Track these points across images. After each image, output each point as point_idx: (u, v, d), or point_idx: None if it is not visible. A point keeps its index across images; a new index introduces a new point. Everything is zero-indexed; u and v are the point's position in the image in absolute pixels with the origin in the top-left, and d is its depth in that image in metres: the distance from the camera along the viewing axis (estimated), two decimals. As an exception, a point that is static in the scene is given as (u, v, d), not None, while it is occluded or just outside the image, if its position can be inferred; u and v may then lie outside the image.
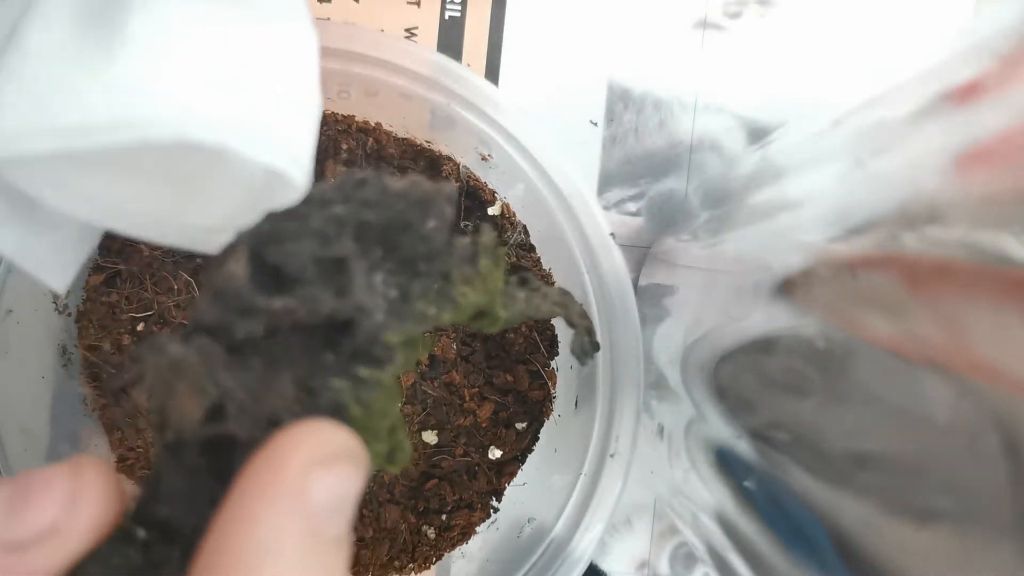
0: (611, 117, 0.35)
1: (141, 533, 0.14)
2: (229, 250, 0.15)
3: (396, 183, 0.15)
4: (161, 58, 0.15)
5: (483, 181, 0.31)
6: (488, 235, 0.16)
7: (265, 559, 0.12)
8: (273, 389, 0.14)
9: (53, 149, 0.14)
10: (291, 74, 0.17)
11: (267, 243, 0.14)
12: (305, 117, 0.17)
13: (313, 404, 0.15)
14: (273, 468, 0.13)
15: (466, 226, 0.32)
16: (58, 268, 0.18)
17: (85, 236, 0.19)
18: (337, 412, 0.15)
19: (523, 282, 0.17)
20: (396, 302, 0.15)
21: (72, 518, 0.14)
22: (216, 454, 0.14)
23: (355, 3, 0.34)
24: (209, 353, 0.14)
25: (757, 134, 0.36)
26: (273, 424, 0.14)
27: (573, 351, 0.19)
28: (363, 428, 0.15)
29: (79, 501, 0.14)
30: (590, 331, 0.19)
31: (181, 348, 0.14)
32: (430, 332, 0.16)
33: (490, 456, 0.33)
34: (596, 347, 0.19)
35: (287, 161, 0.17)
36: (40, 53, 0.15)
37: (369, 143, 0.31)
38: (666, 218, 0.36)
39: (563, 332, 0.33)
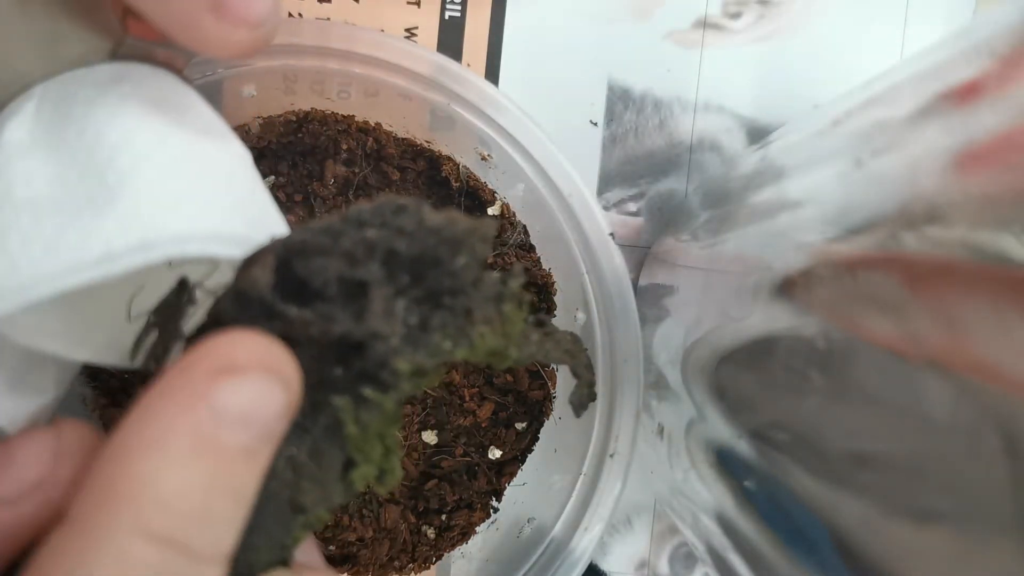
0: (611, 117, 0.35)
1: None
2: (258, 255, 0.15)
3: (434, 217, 0.15)
4: (156, 183, 0.16)
5: (483, 181, 0.32)
6: (517, 281, 0.15)
7: (148, 452, 0.13)
8: None
9: (78, 284, 0.15)
10: (249, 181, 0.18)
11: (296, 254, 0.14)
12: (273, 218, 0.18)
13: (311, 414, 0.15)
14: (181, 370, 0.13)
15: (497, 261, 0.31)
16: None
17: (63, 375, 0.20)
18: (334, 428, 0.15)
19: (539, 324, 0.17)
20: (415, 329, 0.14)
21: (56, 473, 0.15)
22: None
23: (355, 3, 0.34)
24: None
25: (757, 134, 0.36)
26: None
27: (571, 402, 0.18)
28: (356, 448, 0.15)
29: (62, 457, 0.15)
30: (591, 384, 0.18)
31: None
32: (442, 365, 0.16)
33: (490, 456, 0.33)
34: (593, 397, 0.19)
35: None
36: (32, 201, 0.16)
37: (369, 143, 0.31)
38: (666, 218, 0.36)
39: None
